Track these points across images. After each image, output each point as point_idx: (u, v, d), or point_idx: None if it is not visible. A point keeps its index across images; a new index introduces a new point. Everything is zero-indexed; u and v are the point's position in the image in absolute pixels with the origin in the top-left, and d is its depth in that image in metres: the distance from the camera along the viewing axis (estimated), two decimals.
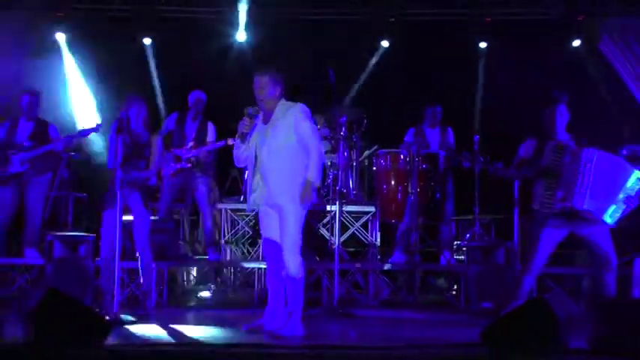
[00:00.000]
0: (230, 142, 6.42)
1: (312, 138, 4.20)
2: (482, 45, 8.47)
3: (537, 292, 5.74)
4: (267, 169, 4.24)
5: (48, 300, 3.31)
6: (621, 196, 4.54)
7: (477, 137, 6.30)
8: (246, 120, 4.26)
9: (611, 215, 4.52)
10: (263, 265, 6.36)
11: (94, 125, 5.91)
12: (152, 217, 5.62)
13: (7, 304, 5.51)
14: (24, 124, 6.31)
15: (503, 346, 3.22)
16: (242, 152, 4.35)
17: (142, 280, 5.38)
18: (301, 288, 4.19)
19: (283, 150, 4.19)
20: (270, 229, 4.31)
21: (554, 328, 3.20)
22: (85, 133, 6.02)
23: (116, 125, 4.81)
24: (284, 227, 4.17)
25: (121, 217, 4.73)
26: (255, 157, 4.28)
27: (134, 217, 5.22)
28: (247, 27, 8.31)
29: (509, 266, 5.72)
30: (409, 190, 6.57)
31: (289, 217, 4.15)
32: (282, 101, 4.32)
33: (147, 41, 8.47)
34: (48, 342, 3.21)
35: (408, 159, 6.72)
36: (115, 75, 7.95)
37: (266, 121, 4.30)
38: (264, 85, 4.25)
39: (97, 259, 5.59)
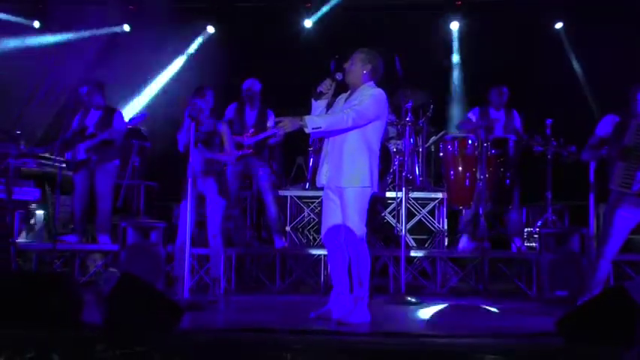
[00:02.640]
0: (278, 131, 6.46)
1: (355, 109, 4.06)
2: (558, 25, 8.19)
3: (615, 281, 5.53)
4: (331, 146, 4.23)
5: (122, 285, 3.40)
6: None
7: (549, 120, 6.07)
8: (327, 81, 4.24)
9: None
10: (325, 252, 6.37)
11: (139, 114, 6.06)
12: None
13: (85, 288, 5.74)
14: (93, 113, 6.51)
15: (579, 336, 3.09)
16: (315, 113, 4.29)
17: (211, 267, 5.49)
18: (367, 274, 4.15)
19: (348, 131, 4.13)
20: (331, 213, 4.26)
21: (635, 318, 3.04)
22: (134, 121, 6.16)
23: (188, 112, 4.88)
24: (345, 212, 4.12)
25: (192, 203, 4.82)
26: None
27: (207, 204, 5.32)
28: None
29: (584, 254, 5.50)
30: (477, 175, 6.42)
31: (349, 201, 4.10)
32: (369, 84, 4.25)
33: (210, 29, 8.66)
34: (122, 326, 3.31)
35: (476, 144, 6.55)
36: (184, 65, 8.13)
37: (348, 97, 4.28)
38: (353, 59, 4.26)
39: (168, 245, 5.75)
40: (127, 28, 8.72)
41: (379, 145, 4.31)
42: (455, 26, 8.54)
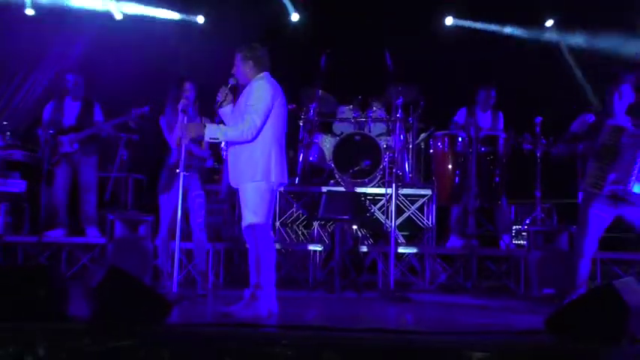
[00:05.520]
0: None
1: (251, 112, 4.02)
2: (549, 23, 8.21)
3: (602, 279, 5.57)
4: (228, 147, 4.23)
5: (110, 278, 3.36)
6: None
7: (538, 119, 6.09)
8: (223, 89, 4.23)
9: None
10: (318, 248, 6.36)
11: (143, 107, 6.01)
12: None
13: (71, 282, 5.69)
14: (70, 104, 6.43)
15: (568, 334, 3.10)
16: (224, 119, 4.30)
17: (198, 261, 5.45)
18: (269, 269, 4.12)
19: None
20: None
21: (623, 316, 3.05)
22: (133, 114, 6.11)
23: (181, 107, 4.82)
24: (243, 206, 4.14)
25: (179, 197, 4.78)
26: None
27: (191, 199, 5.29)
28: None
29: (572, 252, 5.52)
30: (467, 173, 6.42)
31: (244, 197, 4.11)
32: (259, 76, 4.21)
33: (200, 19, 8.61)
34: (109, 319, 3.27)
35: (466, 141, 6.55)
36: (166, 55, 8.04)
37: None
38: (235, 61, 4.24)
39: (155, 239, 5.70)
40: (119, 16, 8.64)
41: (276, 133, 4.17)
42: (449, 21, 8.59)
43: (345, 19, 8.17)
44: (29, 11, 8.51)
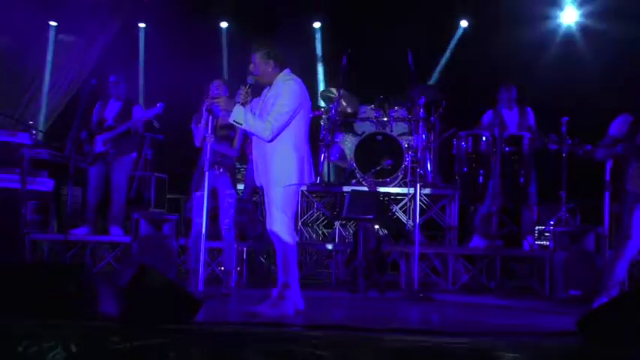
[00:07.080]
0: None
1: (274, 112, 4.02)
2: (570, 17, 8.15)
3: (630, 281, 5.50)
4: (255, 145, 4.23)
5: (139, 276, 3.38)
6: None
7: (565, 118, 6.02)
8: (241, 90, 4.16)
9: None
10: (340, 248, 6.36)
11: (156, 106, 6.06)
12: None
13: (98, 280, 5.73)
14: (113, 105, 6.52)
15: (602, 337, 3.05)
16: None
17: (224, 260, 5.47)
18: (293, 270, 4.14)
19: None
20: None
21: None
22: (149, 114, 6.15)
23: (205, 106, 4.83)
24: (268, 207, 4.15)
25: (208, 196, 4.79)
26: None
27: (222, 198, 5.30)
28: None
29: (599, 253, 5.47)
30: (491, 173, 6.37)
31: (272, 199, 4.11)
32: (283, 74, 4.18)
33: (223, 24, 8.63)
34: (138, 318, 3.30)
35: (490, 141, 6.50)
36: (192, 58, 8.08)
37: (267, 94, 4.23)
38: (254, 62, 4.18)
39: (180, 237, 5.74)
40: (142, 25, 8.74)
41: (306, 133, 4.21)
42: (464, 23, 8.57)
43: (367, 19, 8.15)
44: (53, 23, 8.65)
